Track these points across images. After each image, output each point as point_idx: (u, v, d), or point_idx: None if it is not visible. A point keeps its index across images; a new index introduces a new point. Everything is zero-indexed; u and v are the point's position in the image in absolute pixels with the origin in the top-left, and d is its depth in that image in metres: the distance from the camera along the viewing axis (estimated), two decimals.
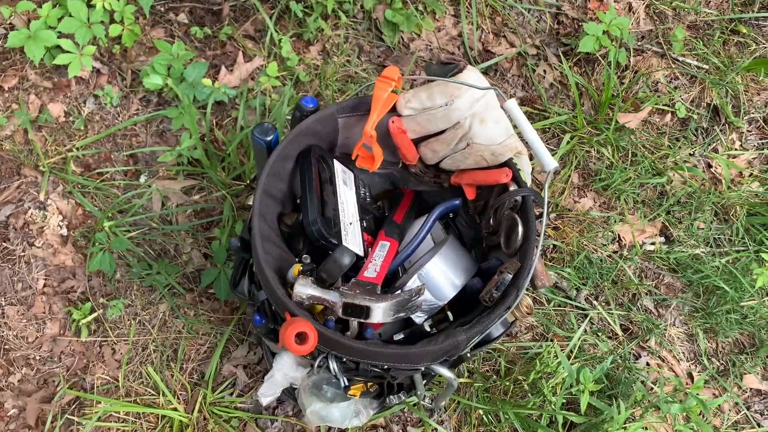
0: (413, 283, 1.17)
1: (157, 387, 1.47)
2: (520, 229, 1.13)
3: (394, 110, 1.22)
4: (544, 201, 1.08)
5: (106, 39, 1.67)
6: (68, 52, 1.61)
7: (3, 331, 1.49)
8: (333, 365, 1.10)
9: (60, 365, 1.48)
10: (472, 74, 1.18)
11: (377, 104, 1.18)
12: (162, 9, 1.80)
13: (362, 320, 1.06)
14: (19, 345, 1.48)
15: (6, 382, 1.45)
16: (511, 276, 1.09)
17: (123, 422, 1.45)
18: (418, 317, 1.19)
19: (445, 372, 1.13)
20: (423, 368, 1.11)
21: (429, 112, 1.20)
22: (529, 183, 1.22)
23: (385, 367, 1.08)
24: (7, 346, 1.48)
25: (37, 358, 1.48)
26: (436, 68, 1.22)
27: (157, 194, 1.62)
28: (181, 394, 1.49)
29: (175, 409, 1.45)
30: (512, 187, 1.18)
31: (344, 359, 1.08)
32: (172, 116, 1.64)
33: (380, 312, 1.06)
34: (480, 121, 1.17)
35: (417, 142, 1.26)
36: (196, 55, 1.77)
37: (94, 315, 1.52)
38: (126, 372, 1.49)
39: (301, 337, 0.94)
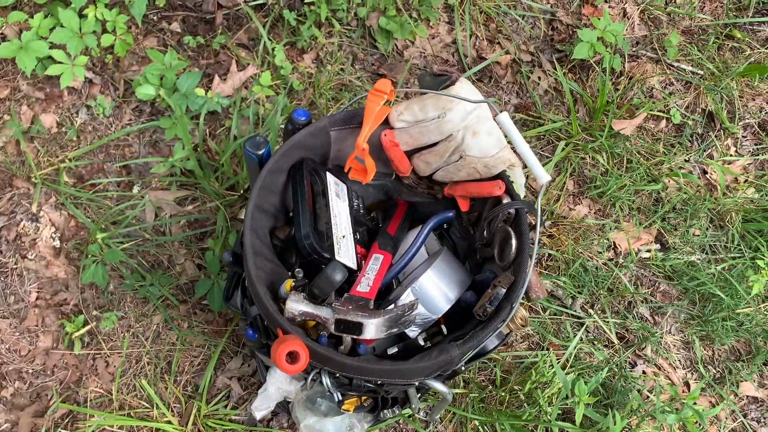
0: (407, 297, 1.16)
1: (151, 400, 1.46)
2: (514, 242, 1.12)
3: (386, 123, 1.22)
4: (537, 213, 1.07)
5: (98, 49, 1.66)
6: (60, 62, 1.60)
7: None
8: (326, 380, 1.09)
9: (53, 378, 1.47)
10: (464, 86, 1.17)
11: (369, 117, 1.17)
12: (155, 18, 1.80)
13: (355, 336, 1.06)
14: (12, 358, 1.47)
15: None
16: (504, 290, 1.08)
17: None
18: (412, 331, 1.18)
19: (439, 386, 1.12)
20: (417, 383, 1.10)
21: (421, 124, 1.19)
22: (522, 195, 1.21)
23: (379, 382, 1.08)
24: None
25: (30, 371, 1.47)
26: (429, 80, 1.21)
27: (150, 205, 1.61)
28: (175, 407, 1.48)
29: (169, 422, 1.45)
30: (505, 200, 1.17)
31: (337, 374, 1.08)
32: (164, 126, 1.63)
33: (373, 328, 1.05)
34: (472, 133, 1.17)
35: (410, 153, 1.25)
36: (189, 64, 1.76)
37: (87, 327, 1.51)
38: (119, 385, 1.48)
39: (292, 356, 0.93)
